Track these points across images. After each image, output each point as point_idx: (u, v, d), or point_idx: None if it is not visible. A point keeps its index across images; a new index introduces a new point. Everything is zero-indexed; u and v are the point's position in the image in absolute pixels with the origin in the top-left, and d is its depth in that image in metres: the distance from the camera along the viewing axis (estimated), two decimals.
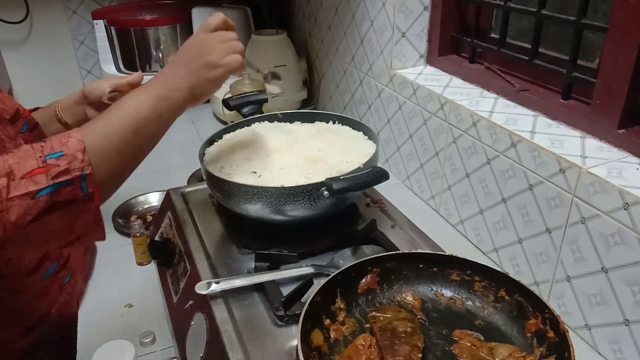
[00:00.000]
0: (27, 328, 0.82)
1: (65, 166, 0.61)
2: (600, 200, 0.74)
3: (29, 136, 0.83)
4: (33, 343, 0.84)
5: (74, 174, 0.62)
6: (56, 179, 0.60)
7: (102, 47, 1.83)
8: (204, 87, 0.74)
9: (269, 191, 0.74)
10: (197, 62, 0.74)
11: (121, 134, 0.67)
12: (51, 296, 0.85)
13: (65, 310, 0.88)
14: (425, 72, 1.23)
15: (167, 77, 0.73)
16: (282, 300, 0.65)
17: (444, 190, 1.13)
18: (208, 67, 0.74)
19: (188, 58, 0.74)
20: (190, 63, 0.73)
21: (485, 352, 0.60)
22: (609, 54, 0.80)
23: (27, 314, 0.81)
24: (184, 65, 0.73)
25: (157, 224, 0.98)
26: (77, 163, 0.62)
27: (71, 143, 0.62)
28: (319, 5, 1.61)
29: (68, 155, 0.61)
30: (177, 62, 0.74)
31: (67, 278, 0.89)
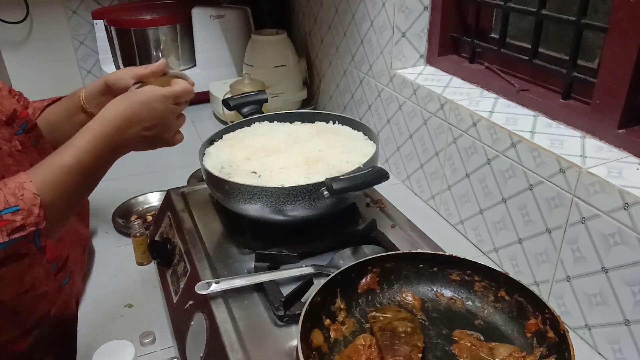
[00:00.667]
0: (26, 329, 0.82)
1: (21, 222, 0.61)
2: (600, 200, 0.74)
3: (25, 137, 0.82)
4: (32, 344, 0.84)
5: (29, 230, 0.62)
6: (12, 235, 0.60)
7: (102, 47, 1.83)
8: (145, 149, 0.79)
9: (269, 191, 0.74)
10: (157, 134, 0.77)
11: (74, 187, 0.69)
12: (50, 297, 0.85)
13: (64, 311, 0.88)
14: (425, 72, 1.23)
15: (123, 131, 0.73)
16: (282, 300, 0.66)
17: (444, 190, 1.13)
18: (159, 142, 0.79)
19: (150, 123, 0.75)
20: (150, 130, 0.75)
21: (485, 352, 0.60)
22: (609, 54, 0.80)
23: (26, 315, 0.81)
24: (143, 129, 0.75)
25: (157, 224, 0.98)
26: (33, 218, 0.62)
27: (26, 196, 0.62)
28: (319, 5, 1.61)
29: (24, 210, 0.61)
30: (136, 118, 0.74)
31: (66, 279, 0.89)
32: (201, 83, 1.77)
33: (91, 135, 0.71)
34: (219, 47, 1.83)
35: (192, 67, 1.84)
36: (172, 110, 0.77)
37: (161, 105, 0.75)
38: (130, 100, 0.75)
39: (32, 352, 0.85)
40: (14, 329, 0.81)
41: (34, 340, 0.84)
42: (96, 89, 0.89)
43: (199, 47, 1.80)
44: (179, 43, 1.80)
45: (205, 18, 1.77)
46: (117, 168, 0.79)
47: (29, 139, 0.84)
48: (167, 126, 0.77)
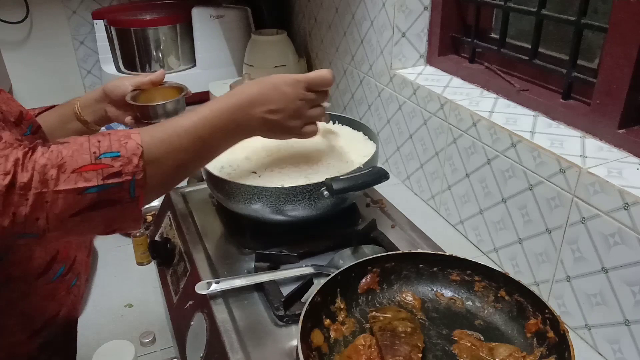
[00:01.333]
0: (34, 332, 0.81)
1: (118, 168, 0.60)
2: (600, 200, 0.74)
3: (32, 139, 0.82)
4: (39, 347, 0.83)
5: (124, 177, 0.61)
6: (106, 180, 0.59)
7: (102, 47, 1.83)
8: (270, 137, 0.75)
9: (269, 191, 0.74)
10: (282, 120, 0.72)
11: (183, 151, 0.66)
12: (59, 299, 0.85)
13: (71, 312, 0.88)
14: (425, 72, 1.23)
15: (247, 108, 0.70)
16: (282, 300, 0.66)
17: (444, 190, 1.13)
18: (287, 131, 0.74)
19: (276, 106, 0.71)
20: (275, 113, 0.71)
21: (485, 352, 0.60)
22: (609, 54, 0.80)
23: (35, 317, 0.81)
24: (268, 111, 0.71)
25: (157, 224, 0.99)
26: (131, 167, 0.61)
27: (130, 145, 0.61)
28: (319, 5, 1.61)
29: (124, 157, 0.60)
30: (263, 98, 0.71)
31: (74, 280, 0.89)
32: (201, 83, 1.77)
33: (215, 105, 0.69)
34: (219, 47, 1.83)
35: (192, 67, 1.84)
36: (303, 97, 0.72)
37: (291, 89, 0.71)
38: (262, 81, 0.72)
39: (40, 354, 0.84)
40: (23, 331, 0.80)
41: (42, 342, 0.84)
42: (92, 97, 0.89)
43: (199, 47, 1.80)
44: (179, 43, 1.80)
45: (205, 18, 1.77)
46: None
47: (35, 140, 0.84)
48: (295, 113, 0.72)
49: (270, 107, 0.70)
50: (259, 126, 0.71)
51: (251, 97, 0.70)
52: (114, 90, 0.87)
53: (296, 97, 0.72)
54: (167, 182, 0.68)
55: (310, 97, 0.73)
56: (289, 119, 0.72)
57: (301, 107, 0.72)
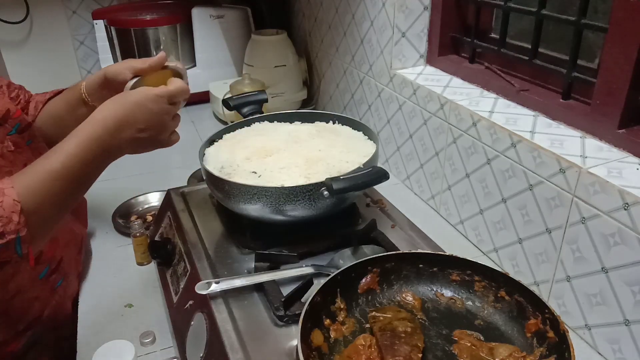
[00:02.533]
0: (18, 331, 0.81)
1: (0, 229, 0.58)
2: (600, 200, 0.74)
3: (19, 138, 0.81)
4: (25, 345, 0.83)
5: (8, 237, 0.59)
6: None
7: (102, 47, 1.83)
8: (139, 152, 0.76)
9: (269, 191, 0.74)
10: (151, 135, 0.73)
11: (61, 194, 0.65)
12: (43, 299, 0.85)
13: (58, 312, 0.88)
14: (425, 72, 1.23)
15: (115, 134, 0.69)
16: (282, 300, 0.66)
17: (444, 190, 1.13)
18: (155, 143, 0.76)
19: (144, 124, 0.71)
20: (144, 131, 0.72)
21: (485, 352, 0.60)
22: (609, 54, 0.80)
23: (18, 317, 0.80)
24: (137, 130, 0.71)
25: (157, 224, 0.99)
26: (13, 226, 0.59)
27: (6, 203, 0.59)
28: (319, 5, 1.61)
29: (3, 218, 0.58)
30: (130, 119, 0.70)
31: (60, 281, 0.89)
32: (201, 83, 1.77)
33: (80, 138, 0.67)
34: (219, 47, 1.83)
35: (192, 67, 1.84)
36: (167, 111, 0.73)
37: (155, 105, 0.72)
38: (123, 102, 0.71)
39: (26, 353, 0.84)
40: (6, 331, 0.80)
41: (28, 342, 0.84)
42: (96, 82, 0.87)
43: (199, 47, 1.80)
44: (179, 43, 1.80)
45: (205, 18, 1.77)
46: (117, 168, 0.78)
47: (22, 139, 0.83)
48: (162, 127, 0.74)
49: (139, 127, 0.71)
50: (129, 146, 0.72)
51: (117, 121, 0.69)
52: (115, 79, 0.84)
53: (161, 112, 0.72)
54: (50, 226, 0.67)
55: (173, 110, 0.75)
56: (158, 133, 0.74)
57: (167, 120, 0.74)
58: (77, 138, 0.67)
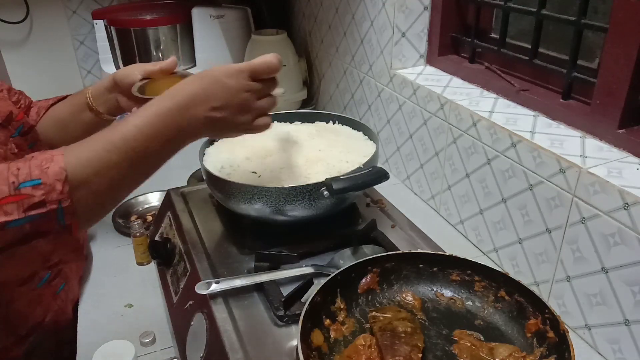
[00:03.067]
0: (20, 337, 0.81)
1: (41, 197, 0.53)
2: (600, 200, 0.74)
3: (22, 140, 0.80)
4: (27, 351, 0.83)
5: (49, 207, 0.54)
6: (29, 212, 0.53)
7: (102, 47, 1.83)
8: (219, 136, 0.69)
9: (269, 191, 0.74)
10: (229, 116, 0.64)
11: (115, 168, 0.58)
12: (45, 305, 0.84)
13: (59, 317, 0.88)
14: (425, 72, 1.23)
15: (188, 109, 0.62)
16: (282, 300, 0.66)
17: (444, 190, 1.13)
18: (236, 128, 0.67)
19: (220, 102, 0.63)
20: (220, 110, 0.63)
21: (485, 352, 0.60)
22: (609, 54, 0.80)
23: (20, 323, 0.80)
24: (212, 109, 0.63)
25: (157, 224, 0.99)
26: (55, 194, 0.54)
27: (52, 170, 0.54)
28: (319, 5, 1.61)
29: (46, 185, 0.54)
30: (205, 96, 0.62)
31: (62, 286, 0.88)
32: None
33: (147, 111, 0.61)
34: (219, 47, 1.82)
35: (192, 67, 1.84)
36: (248, 88, 0.64)
37: (234, 81, 0.63)
38: (202, 76, 0.64)
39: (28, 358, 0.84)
40: (7, 337, 0.80)
41: (29, 347, 0.83)
42: (103, 85, 0.85)
43: (199, 47, 1.80)
44: (179, 43, 1.80)
45: (205, 18, 1.77)
46: None
47: (25, 142, 0.82)
48: (242, 107, 0.64)
49: (213, 104, 0.63)
50: (203, 127, 0.64)
51: (191, 96, 0.62)
52: (124, 80, 0.82)
53: (241, 89, 0.64)
54: (103, 203, 0.60)
55: (257, 87, 0.65)
56: (237, 115, 0.65)
57: (248, 99, 0.65)
58: (145, 111, 0.61)
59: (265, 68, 0.65)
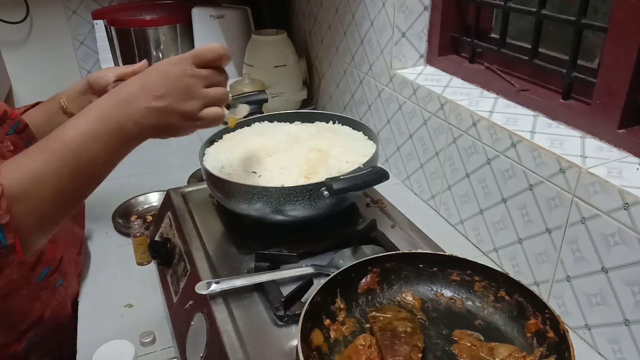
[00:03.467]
0: (20, 333, 0.82)
1: None
2: (600, 200, 0.74)
3: (17, 138, 0.81)
4: (27, 347, 0.84)
5: None
6: None
7: (102, 47, 1.83)
8: (166, 133, 0.62)
9: (269, 191, 0.74)
10: (172, 104, 0.59)
11: (56, 177, 0.54)
12: (44, 300, 0.85)
13: (59, 312, 0.88)
14: (425, 72, 1.24)
15: (128, 104, 0.58)
16: (282, 300, 0.65)
17: (444, 190, 1.13)
18: (182, 117, 0.61)
19: (161, 90, 0.59)
20: (162, 99, 0.59)
21: (485, 352, 0.60)
22: (609, 54, 0.80)
23: (19, 318, 0.80)
24: (153, 98, 0.58)
25: (157, 224, 0.98)
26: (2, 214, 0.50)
27: None
28: (319, 5, 1.61)
29: None
30: (144, 87, 0.59)
31: (60, 281, 0.89)
32: None
33: (88, 110, 0.57)
34: None
35: None
36: (192, 73, 0.60)
37: (175, 68, 0.60)
38: (146, 70, 0.62)
39: (27, 355, 0.84)
40: (7, 333, 0.80)
41: (29, 343, 0.84)
42: (77, 89, 0.86)
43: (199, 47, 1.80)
44: (179, 43, 1.80)
45: (205, 18, 1.77)
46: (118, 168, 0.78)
47: (21, 140, 0.82)
48: (186, 92, 0.60)
49: (154, 94, 0.58)
50: (148, 120, 0.59)
51: (132, 90, 0.59)
52: (98, 82, 0.83)
53: (183, 74, 0.60)
54: (49, 216, 0.56)
55: (203, 74, 0.62)
56: (180, 101, 0.59)
57: (192, 85, 0.60)
58: (85, 111, 0.58)
59: (206, 52, 0.63)
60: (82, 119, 0.57)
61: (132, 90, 0.59)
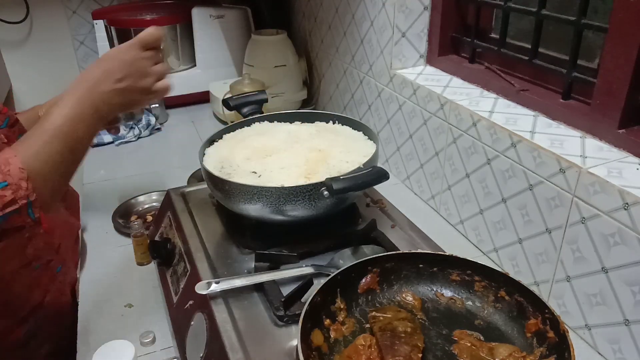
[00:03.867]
0: (20, 319, 0.84)
1: (11, 196, 0.62)
2: (600, 200, 0.74)
3: (9, 132, 0.85)
4: (27, 334, 0.86)
5: (20, 203, 0.63)
6: (4, 210, 0.62)
7: (102, 47, 1.83)
8: (131, 108, 0.77)
9: (269, 191, 0.74)
10: (132, 83, 0.74)
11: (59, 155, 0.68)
12: (43, 286, 0.88)
13: (58, 298, 0.91)
14: (425, 72, 1.24)
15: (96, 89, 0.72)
16: (282, 300, 0.66)
17: (444, 190, 1.13)
18: (139, 91, 0.76)
19: (121, 74, 0.73)
20: (123, 81, 0.73)
21: (485, 352, 0.60)
22: (609, 54, 0.80)
23: (20, 304, 0.83)
24: (115, 81, 0.73)
25: (157, 224, 0.99)
26: (22, 192, 0.63)
27: (13, 171, 0.63)
28: (319, 5, 1.61)
29: (12, 185, 0.62)
30: (106, 73, 0.73)
31: (59, 267, 0.90)
32: (201, 83, 1.77)
33: (65, 100, 0.71)
34: (219, 47, 1.83)
35: (192, 67, 1.84)
36: (142, 57, 0.75)
37: (127, 54, 0.74)
38: (100, 59, 0.76)
39: (28, 341, 0.86)
40: (9, 319, 0.83)
41: (29, 330, 0.86)
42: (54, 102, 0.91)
43: (199, 47, 1.80)
44: (179, 43, 1.80)
45: (205, 18, 1.77)
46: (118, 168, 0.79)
47: (13, 133, 0.86)
48: (141, 73, 0.75)
49: (116, 77, 0.73)
50: (114, 99, 0.73)
51: (96, 77, 0.72)
52: None
53: (136, 58, 0.74)
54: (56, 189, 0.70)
55: (149, 55, 0.76)
56: (138, 80, 0.75)
57: (144, 65, 0.75)
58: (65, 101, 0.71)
59: (149, 37, 0.76)
60: (64, 106, 0.70)
61: (97, 76, 0.73)
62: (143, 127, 1.57)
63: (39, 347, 0.89)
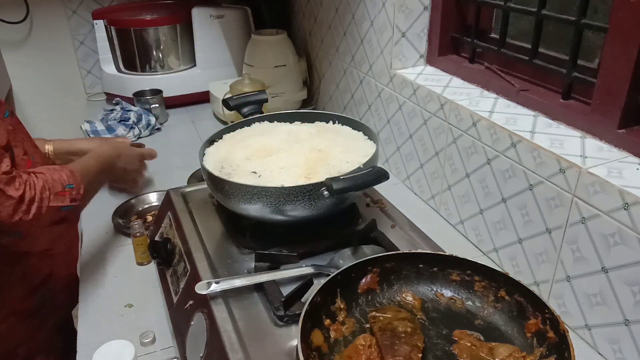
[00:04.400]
0: (33, 287, 0.97)
1: (75, 195, 0.87)
2: (600, 200, 0.74)
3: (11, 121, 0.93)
4: (38, 303, 0.98)
5: (77, 202, 0.88)
6: (72, 202, 0.86)
7: (102, 47, 1.83)
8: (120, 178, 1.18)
9: (269, 191, 0.74)
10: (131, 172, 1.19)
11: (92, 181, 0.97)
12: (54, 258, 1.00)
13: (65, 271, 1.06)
14: (425, 72, 1.23)
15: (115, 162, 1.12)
16: (282, 300, 0.66)
17: (444, 190, 1.13)
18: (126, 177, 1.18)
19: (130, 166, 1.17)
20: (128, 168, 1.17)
21: (485, 352, 0.60)
22: (609, 54, 0.80)
23: (33, 273, 0.97)
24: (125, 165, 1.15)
25: (157, 224, 0.99)
26: (79, 195, 0.88)
27: (77, 179, 0.89)
28: (319, 5, 1.61)
29: (75, 188, 0.87)
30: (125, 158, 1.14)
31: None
32: (201, 83, 1.77)
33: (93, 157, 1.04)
34: (219, 47, 1.83)
35: (192, 67, 1.84)
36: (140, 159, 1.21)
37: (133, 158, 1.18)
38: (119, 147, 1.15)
39: (40, 308, 0.98)
40: (21, 288, 0.94)
41: (39, 300, 0.98)
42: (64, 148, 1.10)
43: (199, 47, 1.80)
44: (179, 43, 1.80)
45: (205, 18, 1.77)
46: None
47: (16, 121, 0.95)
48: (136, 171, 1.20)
49: (125, 166, 1.15)
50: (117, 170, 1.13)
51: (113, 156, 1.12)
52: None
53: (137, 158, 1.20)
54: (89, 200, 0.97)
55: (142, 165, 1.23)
56: (134, 173, 1.20)
57: (140, 167, 1.22)
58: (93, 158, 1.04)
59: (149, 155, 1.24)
60: (93, 162, 1.02)
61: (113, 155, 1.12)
62: (143, 127, 1.57)
63: (46, 319, 1.00)
